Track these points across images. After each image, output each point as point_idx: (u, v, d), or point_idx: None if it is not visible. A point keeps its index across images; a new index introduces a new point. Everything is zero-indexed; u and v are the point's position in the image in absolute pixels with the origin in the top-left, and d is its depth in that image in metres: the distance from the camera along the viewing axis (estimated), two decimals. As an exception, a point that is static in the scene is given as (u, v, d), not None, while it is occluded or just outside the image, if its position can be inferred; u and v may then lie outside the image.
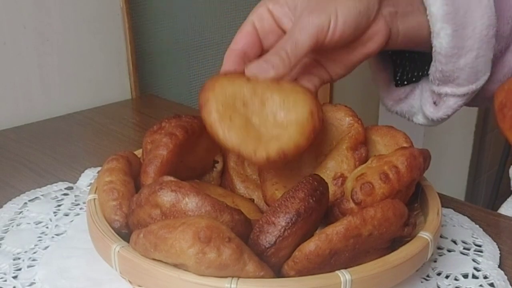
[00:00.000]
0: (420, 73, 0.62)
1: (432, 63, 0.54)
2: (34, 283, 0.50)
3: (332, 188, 0.49)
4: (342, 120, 0.53)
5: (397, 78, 0.63)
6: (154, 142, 0.51)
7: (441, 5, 0.50)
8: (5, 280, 0.51)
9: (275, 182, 0.52)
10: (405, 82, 0.62)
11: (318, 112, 0.47)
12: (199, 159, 0.55)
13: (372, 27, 0.50)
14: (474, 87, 0.54)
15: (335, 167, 0.50)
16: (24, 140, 0.86)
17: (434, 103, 0.57)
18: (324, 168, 0.51)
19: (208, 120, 0.45)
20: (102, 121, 0.96)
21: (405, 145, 0.52)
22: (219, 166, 0.58)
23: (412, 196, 0.51)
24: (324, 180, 0.44)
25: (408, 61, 0.62)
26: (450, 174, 2.08)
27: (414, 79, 0.62)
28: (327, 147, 0.53)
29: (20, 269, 0.52)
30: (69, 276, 0.50)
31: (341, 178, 0.50)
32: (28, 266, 0.53)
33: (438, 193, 0.52)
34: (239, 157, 0.56)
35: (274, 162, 0.45)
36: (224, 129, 0.45)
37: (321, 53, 0.52)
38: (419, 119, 0.61)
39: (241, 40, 0.50)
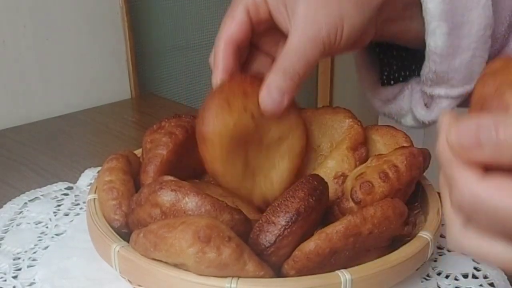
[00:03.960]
0: (408, 73, 0.59)
1: (425, 63, 0.52)
2: (34, 283, 0.50)
3: (333, 187, 0.49)
4: (342, 122, 0.53)
5: (384, 77, 0.59)
6: (154, 142, 0.51)
7: (438, 3, 0.49)
8: (5, 280, 0.51)
9: None
10: (392, 82, 0.59)
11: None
12: (199, 158, 0.55)
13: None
14: (468, 88, 0.51)
15: (336, 166, 0.50)
16: (24, 140, 0.86)
17: (425, 105, 0.54)
18: (324, 167, 0.51)
19: (210, 164, 0.46)
20: (102, 121, 0.96)
21: (405, 144, 0.52)
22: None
23: (412, 195, 0.51)
24: (323, 179, 0.44)
25: (395, 60, 0.59)
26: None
27: (401, 79, 0.59)
28: (327, 149, 0.53)
29: (20, 269, 0.52)
30: (69, 276, 0.50)
31: (342, 177, 0.50)
32: (28, 266, 0.53)
33: (439, 193, 0.52)
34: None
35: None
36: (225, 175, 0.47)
37: None
38: (408, 121, 0.57)
39: (236, 29, 0.47)
